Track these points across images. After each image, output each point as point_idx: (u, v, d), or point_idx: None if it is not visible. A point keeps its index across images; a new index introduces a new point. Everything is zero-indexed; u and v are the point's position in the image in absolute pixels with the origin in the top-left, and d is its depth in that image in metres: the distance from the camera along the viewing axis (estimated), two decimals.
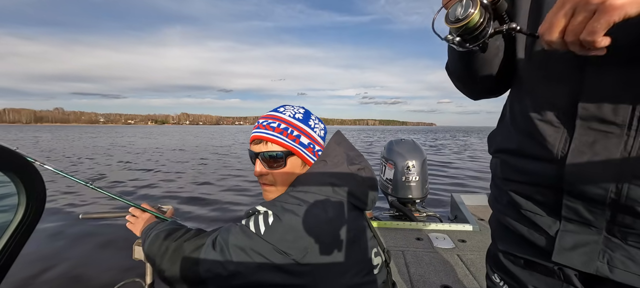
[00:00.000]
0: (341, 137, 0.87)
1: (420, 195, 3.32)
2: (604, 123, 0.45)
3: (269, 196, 0.82)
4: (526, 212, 0.57)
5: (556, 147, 0.50)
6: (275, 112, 0.83)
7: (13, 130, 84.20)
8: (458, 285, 1.93)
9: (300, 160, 0.80)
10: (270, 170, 0.79)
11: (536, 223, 0.55)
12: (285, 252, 0.65)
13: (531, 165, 0.55)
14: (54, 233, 4.22)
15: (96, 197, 6.36)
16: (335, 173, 0.76)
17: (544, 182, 0.53)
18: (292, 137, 0.79)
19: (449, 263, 2.18)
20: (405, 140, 3.51)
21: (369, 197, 0.79)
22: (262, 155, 0.79)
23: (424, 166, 3.32)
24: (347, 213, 0.72)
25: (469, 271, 2.07)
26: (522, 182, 0.57)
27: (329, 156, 0.80)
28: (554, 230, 0.53)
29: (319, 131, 0.85)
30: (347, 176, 0.76)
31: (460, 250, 2.38)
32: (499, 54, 0.61)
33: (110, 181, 8.40)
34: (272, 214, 0.68)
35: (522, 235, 0.58)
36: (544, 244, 0.54)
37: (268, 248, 0.65)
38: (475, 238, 2.60)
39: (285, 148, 0.78)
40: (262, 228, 0.67)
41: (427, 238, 2.61)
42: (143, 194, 7.01)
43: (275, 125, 0.79)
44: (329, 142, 0.86)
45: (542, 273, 0.56)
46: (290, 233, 0.66)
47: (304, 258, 0.65)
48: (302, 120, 0.82)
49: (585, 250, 0.49)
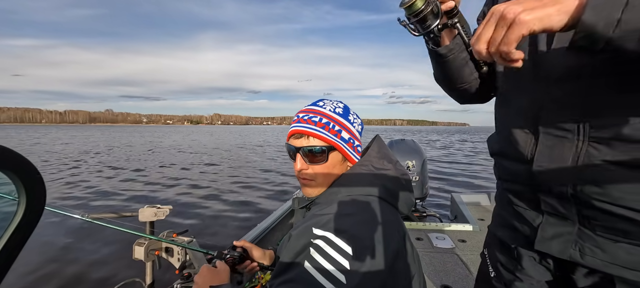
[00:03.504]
0: (380, 139, 0.88)
1: (420, 195, 3.33)
2: (560, 130, 0.53)
3: (309, 192, 0.80)
4: (517, 207, 0.65)
5: (527, 150, 0.58)
6: (315, 106, 0.81)
7: (82, 130, 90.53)
8: (458, 285, 1.93)
9: (341, 156, 0.79)
10: (311, 165, 0.77)
11: (524, 217, 0.63)
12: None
13: (512, 166, 0.63)
14: (54, 234, 4.23)
15: (100, 200, 6.36)
16: (384, 174, 0.76)
17: (523, 181, 0.61)
18: (333, 132, 0.77)
19: (449, 263, 2.18)
20: (406, 140, 3.52)
21: (411, 201, 0.80)
22: (304, 150, 0.76)
23: (424, 166, 3.32)
24: (393, 216, 0.73)
25: (469, 271, 2.07)
26: (510, 181, 0.66)
27: (374, 156, 0.80)
28: (537, 222, 0.60)
29: (357, 126, 0.84)
30: (393, 179, 0.76)
31: (460, 250, 2.38)
32: (468, 64, 0.71)
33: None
34: (342, 241, 0.61)
35: (515, 226, 0.66)
36: (529, 234, 0.62)
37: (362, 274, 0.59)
38: (475, 238, 2.60)
39: (327, 143, 0.76)
40: (342, 261, 0.59)
41: (427, 238, 2.61)
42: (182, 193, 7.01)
43: (317, 119, 0.77)
44: (369, 143, 0.86)
45: (528, 260, 0.65)
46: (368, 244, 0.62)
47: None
48: (343, 114, 0.81)
49: (562, 240, 0.56)
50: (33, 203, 0.41)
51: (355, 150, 0.81)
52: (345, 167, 0.80)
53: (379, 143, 0.86)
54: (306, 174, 0.78)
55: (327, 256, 0.60)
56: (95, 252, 3.69)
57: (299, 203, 0.87)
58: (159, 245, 1.68)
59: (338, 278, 0.58)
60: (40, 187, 0.42)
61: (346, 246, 0.61)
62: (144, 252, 1.61)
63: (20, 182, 0.39)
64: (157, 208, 1.67)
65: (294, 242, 0.66)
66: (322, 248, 0.61)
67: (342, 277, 0.58)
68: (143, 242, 1.62)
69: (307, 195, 0.81)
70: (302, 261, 0.61)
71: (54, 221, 4.53)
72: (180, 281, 1.60)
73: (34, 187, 0.41)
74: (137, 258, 1.64)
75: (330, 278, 0.58)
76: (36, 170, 0.41)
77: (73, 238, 4.11)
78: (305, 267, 0.60)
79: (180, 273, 1.65)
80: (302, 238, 0.65)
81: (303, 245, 0.64)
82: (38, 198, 0.42)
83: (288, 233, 0.74)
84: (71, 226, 4.42)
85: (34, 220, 0.42)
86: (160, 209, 1.67)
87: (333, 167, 0.77)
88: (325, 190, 0.78)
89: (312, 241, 0.63)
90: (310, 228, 0.65)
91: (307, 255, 0.62)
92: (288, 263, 0.64)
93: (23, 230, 0.41)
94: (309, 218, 0.70)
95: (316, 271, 0.59)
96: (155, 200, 6.39)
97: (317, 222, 0.66)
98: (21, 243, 0.41)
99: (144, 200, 6.44)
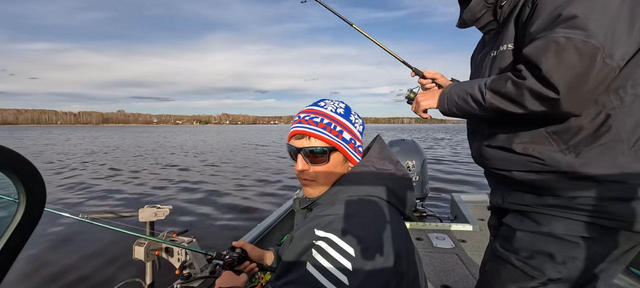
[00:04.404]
0: (381, 140, 0.88)
1: (420, 195, 3.33)
2: (473, 137, 1.00)
3: (310, 192, 0.80)
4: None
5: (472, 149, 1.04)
6: (316, 107, 0.81)
7: (95, 130, 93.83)
8: (458, 285, 1.93)
9: (342, 156, 0.79)
10: (312, 165, 0.77)
11: (492, 187, 1.02)
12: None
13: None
14: (54, 234, 4.23)
15: (100, 201, 6.36)
16: (385, 174, 0.76)
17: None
18: (335, 133, 0.77)
19: (449, 263, 2.18)
20: (406, 140, 3.52)
21: (412, 201, 0.81)
22: (305, 151, 0.76)
23: (424, 166, 3.32)
24: (395, 216, 0.73)
25: (469, 271, 2.07)
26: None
27: (375, 157, 0.80)
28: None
29: (358, 126, 0.84)
30: (394, 179, 0.76)
31: (460, 250, 2.38)
32: (477, 113, 0.98)
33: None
34: (343, 241, 0.62)
35: (492, 195, 1.02)
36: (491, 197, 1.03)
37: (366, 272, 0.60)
38: (475, 238, 2.60)
39: (329, 144, 0.76)
40: (344, 262, 0.60)
41: (427, 238, 2.61)
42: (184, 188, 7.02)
43: (318, 120, 0.77)
44: (370, 143, 0.87)
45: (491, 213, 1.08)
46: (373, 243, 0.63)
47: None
48: (344, 115, 0.81)
49: (497, 196, 0.96)
50: (33, 203, 0.41)
51: (357, 150, 0.82)
52: (346, 167, 0.80)
53: (380, 143, 0.86)
54: (307, 175, 0.78)
55: (329, 257, 0.60)
56: (95, 252, 3.69)
57: (299, 203, 0.87)
58: (159, 245, 1.68)
59: (340, 279, 0.58)
60: (40, 187, 0.42)
61: (348, 247, 0.61)
62: (144, 252, 1.61)
63: (20, 182, 0.39)
64: (157, 208, 1.67)
65: (296, 243, 0.66)
66: (324, 250, 0.61)
67: (344, 277, 0.58)
68: (143, 242, 1.62)
69: (308, 195, 0.81)
70: (305, 262, 0.62)
71: (54, 221, 4.53)
72: (180, 281, 1.60)
73: (34, 187, 0.41)
74: (137, 259, 1.64)
75: (332, 279, 0.58)
76: (36, 170, 0.41)
77: (73, 238, 4.11)
78: (308, 268, 0.61)
79: (180, 273, 1.65)
80: (304, 240, 0.65)
81: (305, 246, 0.64)
82: (38, 198, 0.42)
83: (290, 234, 0.74)
84: (71, 226, 4.42)
85: (33, 220, 0.42)
86: (160, 209, 1.67)
87: (334, 168, 0.77)
88: (327, 191, 0.78)
89: (314, 242, 0.63)
90: (312, 229, 0.65)
91: (309, 256, 0.62)
92: (290, 264, 0.64)
93: (23, 231, 0.41)
94: (311, 220, 0.70)
95: (318, 272, 0.60)
96: (155, 200, 6.40)
97: (319, 223, 0.66)
98: (21, 243, 0.41)
99: (144, 200, 6.45)
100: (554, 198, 0.78)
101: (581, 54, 0.62)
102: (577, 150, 0.73)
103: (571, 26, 0.64)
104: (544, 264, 0.79)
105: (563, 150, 0.75)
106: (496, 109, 0.75)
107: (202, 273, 1.67)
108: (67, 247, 3.87)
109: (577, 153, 0.73)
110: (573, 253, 0.76)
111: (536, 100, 0.68)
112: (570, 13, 0.65)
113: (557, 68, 0.64)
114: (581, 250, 0.75)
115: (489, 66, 0.87)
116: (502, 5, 0.86)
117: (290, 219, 3.12)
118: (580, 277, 0.76)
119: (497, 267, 0.89)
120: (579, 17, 0.63)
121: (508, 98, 0.72)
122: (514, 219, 0.87)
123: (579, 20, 0.63)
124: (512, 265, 0.84)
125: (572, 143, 0.74)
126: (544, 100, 0.67)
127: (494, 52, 0.86)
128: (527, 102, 0.69)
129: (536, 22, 0.71)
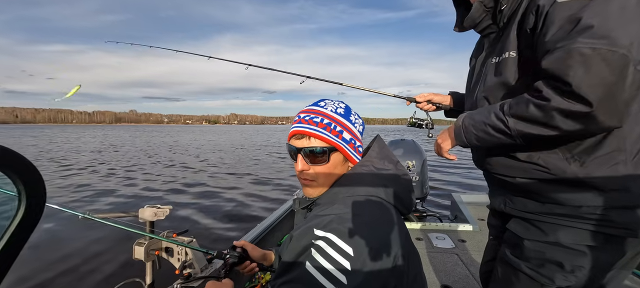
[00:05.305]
0: (381, 140, 0.89)
1: (420, 195, 3.33)
2: (476, 151, 1.00)
3: (310, 192, 0.80)
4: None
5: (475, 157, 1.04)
6: (316, 107, 0.81)
7: (108, 129, 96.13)
8: (458, 285, 1.93)
9: (342, 156, 0.79)
10: (312, 165, 0.77)
11: (492, 190, 1.03)
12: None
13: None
14: (54, 233, 4.23)
15: (100, 201, 6.36)
16: (385, 174, 0.76)
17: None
18: (335, 133, 0.77)
19: (449, 263, 2.18)
20: (406, 140, 3.52)
21: (412, 201, 0.81)
22: (305, 151, 0.76)
23: (424, 166, 3.32)
24: (395, 216, 0.73)
25: (469, 271, 2.07)
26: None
27: (374, 157, 0.81)
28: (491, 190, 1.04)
29: (358, 127, 0.84)
30: (394, 179, 0.77)
31: (460, 250, 2.38)
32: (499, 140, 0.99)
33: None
34: (342, 242, 0.62)
35: (492, 198, 1.03)
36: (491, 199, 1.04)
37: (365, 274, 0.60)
38: (475, 238, 2.60)
39: (329, 144, 0.76)
40: (344, 262, 0.60)
41: (427, 238, 2.61)
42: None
43: (318, 120, 0.77)
44: (370, 143, 0.87)
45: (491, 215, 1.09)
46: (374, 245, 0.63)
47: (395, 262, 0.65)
48: (344, 115, 0.81)
49: (498, 199, 0.96)
50: (33, 203, 0.41)
51: (357, 150, 0.82)
52: (346, 167, 0.80)
53: (380, 143, 0.87)
54: (307, 175, 0.78)
55: (328, 257, 0.60)
56: (95, 252, 3.69)
57: (299, 203, 0.87)
58: (159, 245, 1.68)
59: (339, 278, 0.58)
60: (41, 186, 0.42)
61: (347, 247, 0.61)
62: (144, 252, 1.61)
63: (21, 182, 0.39)
64: (157, 208, 1.67)
65: (295, 243, 0.66)
66: (323, 249, 0.61)
67: (343, 277, 0.58)
68: (143, 242, 1.62)
69: (308, 195, 0.81)
70: (304, 262, 0.62)
71: (54, 221, 4.53)
72: (180, 281, 1.60)
73: (35, 187, 0.41)
74: (137, 258, 1.64)
75: (331, 279, 0.58)
76: (36, 170, 0.41)
77: (73, 238, 4.11)
78: (307, 267, 0.61)
79: (180, 273, 1.65)
80: (304, 239, 0.65)
81: (304, 246, 0.64)
82: (38, 198, 0.42)
83: (289, 234, 0.74)
84: (71, 226, 4.43)
85: (34, 219, 0.42)
86: (160, 209, 1.67)
87: (334, 168, 0.77)
88: (327, 191, 0.78)
89: (314, 242, 0.63)
90: (312, 229, 0.65)
91: (308, 255, 0.62)
92: (289, 264, 0.64)
93: (23, 230, 0.41)
94: (311, 219, 0.70)
95: (317, 271, 0.60)
96: (155, 200, 6.40)
97: (318, 222, 0.66)
98: (21, 242, 0.41)
99: (144, 200, 6.45)
100: (559, 207, 0.77)
101: (610, 64, 0.58)
102: (581, 159, 0.73)
103: (593, 35, 0.59)
104: (554, 273, 0.78)
105: (568, 158, 0.74)
106: (525, 135, 0.71)
107: (202, 273, 1.67)
108: (68, 247, 3.87)
109: (582, 162, 0.72)
110: (580, 262, 0.75)
111: (568, 119, 0.63)
112: (588, 21, 0.60)
113: (586, 80, 0.59)
114: (588, 259, 0.74)
115: (490, 72, 0.86)
116: (502, 10, 0.84)
117: (290, 219, 3.12)
118: (589, 284, 0.76)
119: (508, 275, 0.88)
120: (599, 25, 0.59)
121: (535, 122, 0.68)
122: (519, 227, 0.87)
123: (600, 27, 0.59)
124: (524, 273, 0.83)
125: (576, 151, 0.73)
126: (576, 117, 0.62)
127: (496, 59, 0.84)
128: (560, 122, 0.64)
129: (550, 31, 0.66)
